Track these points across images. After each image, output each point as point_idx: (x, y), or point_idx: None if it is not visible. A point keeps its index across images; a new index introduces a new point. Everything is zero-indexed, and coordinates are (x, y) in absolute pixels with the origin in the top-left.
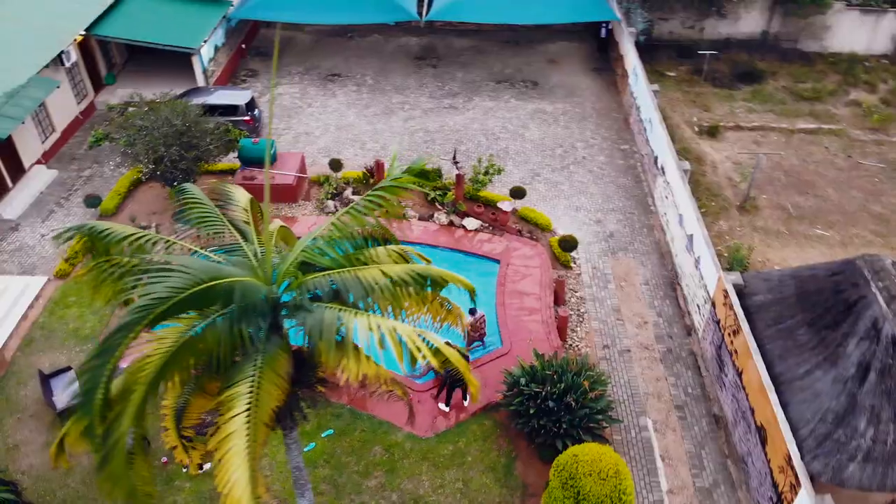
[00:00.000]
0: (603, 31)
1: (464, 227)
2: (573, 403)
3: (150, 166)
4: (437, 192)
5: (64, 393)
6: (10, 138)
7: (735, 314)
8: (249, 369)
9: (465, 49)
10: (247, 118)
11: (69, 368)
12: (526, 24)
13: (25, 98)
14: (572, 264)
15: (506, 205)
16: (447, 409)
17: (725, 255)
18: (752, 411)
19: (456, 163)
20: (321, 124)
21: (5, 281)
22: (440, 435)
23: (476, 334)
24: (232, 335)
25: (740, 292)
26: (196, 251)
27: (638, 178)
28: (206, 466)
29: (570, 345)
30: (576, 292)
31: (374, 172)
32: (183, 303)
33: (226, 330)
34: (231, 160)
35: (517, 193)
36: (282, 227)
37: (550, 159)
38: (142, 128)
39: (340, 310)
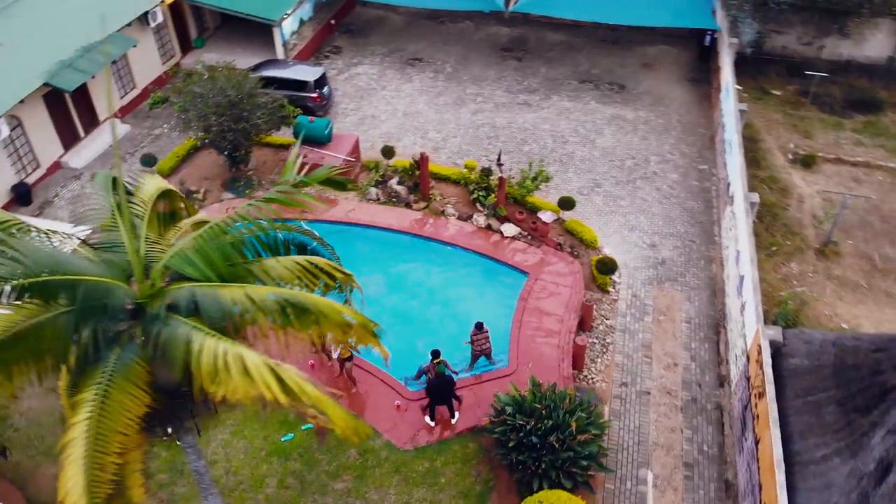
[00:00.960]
0: (707, 38)
1: (501, 232)
2: (556, 444)
3: (200, 133)
4: (481, 193)
5: None
6: (86, 91)
7: (763, 375)
8: (98, 376)
9: (556, 44)
10: (314, 95)
11: None
12: (617, 24)
13: (99, 53)
14: (610, 288)
15: (547, 215)
16: (432, 424)
17: (789, 302)
18: (760, 488)
19: (500, 164)
20: (390, 108)
21: (53, 226)
22: (419, 449)
23: (477, 350)
24: (79, 335)
25: (777, 351)
26: (48, 237)
27: (709, 203)
28: None
29: (585, 376)
30: (606, 320)
31: (419, 165)
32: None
33: (67, 329)
34: (291, 135)
35: (565, 204)
36: (197, 223)
37: (617, 171)
38: (197, 94)
39: (194, 328)
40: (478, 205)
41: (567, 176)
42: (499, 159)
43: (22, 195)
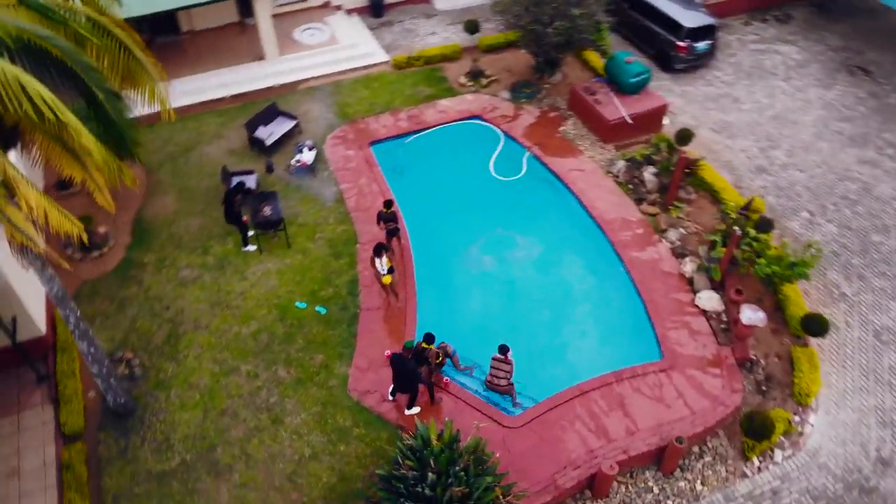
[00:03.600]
0: None
1: (695, 294)
2: None
3: (499, 19)
4: (718, 238)
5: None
6: None
7: None
8: None
9: None
10: (681, 44)
11: (295, 119)
12: None
13: None
14: (756, 460)
15: (756, 317)
16: (391, 399)
17: None
18: None
19: (745, 215)
20: (764, 103)
21: (366, 41)
22: (358, 406)
23: (490, 382)
24: None
25: None
26: None
27: None
28: (251, 248)
29: None
30: (696, 483)
31: (676, 166)
32: None
33: None
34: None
35: (811, 325)
36: None
37: None
38: None
39: None
40: (703, 248)
41: (882, 301)
42: (747, 206)
43: (376, 7)
